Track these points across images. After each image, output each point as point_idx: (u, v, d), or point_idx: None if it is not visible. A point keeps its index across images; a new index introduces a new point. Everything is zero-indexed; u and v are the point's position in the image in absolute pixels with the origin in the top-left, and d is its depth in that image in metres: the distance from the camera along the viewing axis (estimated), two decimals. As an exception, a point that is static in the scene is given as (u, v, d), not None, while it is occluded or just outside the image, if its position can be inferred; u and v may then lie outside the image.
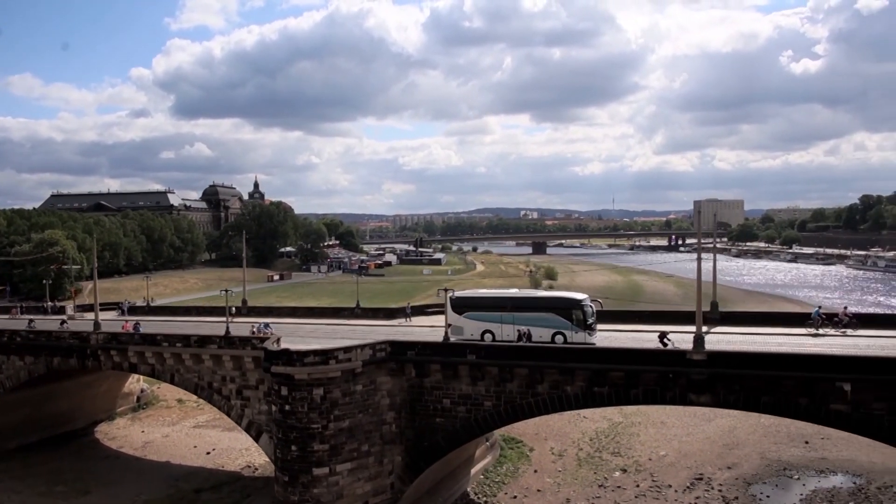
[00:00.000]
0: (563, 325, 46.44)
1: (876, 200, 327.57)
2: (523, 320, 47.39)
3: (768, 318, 57.99)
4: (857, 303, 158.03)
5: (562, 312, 46.99)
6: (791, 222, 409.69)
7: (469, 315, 49.71)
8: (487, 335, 48.44)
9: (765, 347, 40.95)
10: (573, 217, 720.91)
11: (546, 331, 46.69)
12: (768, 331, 49.93)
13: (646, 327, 51.27)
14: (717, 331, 49.92)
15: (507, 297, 51.44)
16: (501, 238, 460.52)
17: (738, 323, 53.55)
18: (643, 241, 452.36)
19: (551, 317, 46.94)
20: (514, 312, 48.05)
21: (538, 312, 47.76)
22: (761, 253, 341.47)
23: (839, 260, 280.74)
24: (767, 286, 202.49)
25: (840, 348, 41.07)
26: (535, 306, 48.81)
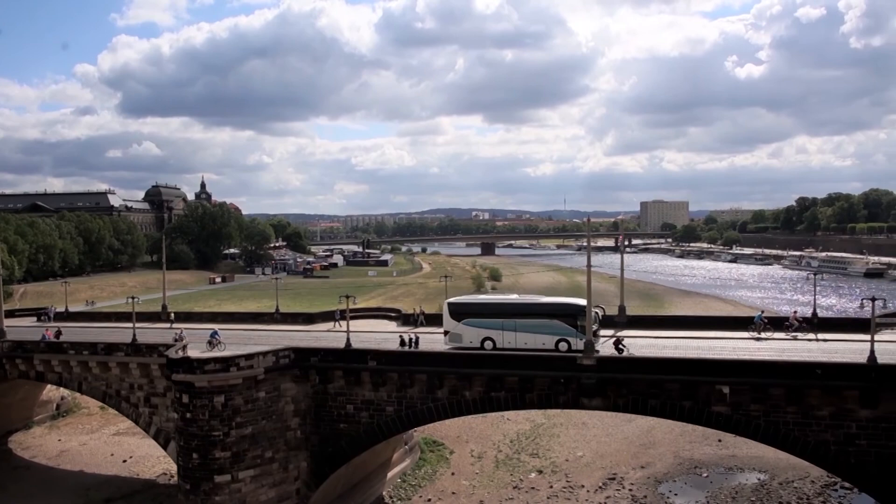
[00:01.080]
0: (568, 331, 45.15)
1: (811, 202, 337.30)
2: (526, 327, 46.01)
3: (703, 322, 58.37)
4: (788, 302, 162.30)
5: (566, 319, 45.69)
6: (733, 223, 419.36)
7: (468, 322, 47.88)
8: (488, 343, 46.64)
9: (705, 353, 41.86)
10: (524, 218, 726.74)
11: (549, 338, 45.36)
12: (710, 335, 50.17)
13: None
14: (667, 335, 49.82)
15: (508, 304, 50.06)
16: (451, 239, 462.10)
17: (647, 326, 54.59)
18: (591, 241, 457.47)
19: (555, 323, 45.58)
20: (515, 319, 46.63)
21: (541, 319, 46.47)
22: (703, 253, 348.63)
23: (776, 260, 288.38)
24: (705, 286, 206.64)
25: (774, 353, 42.08)
26: (538, 312, 47.38)
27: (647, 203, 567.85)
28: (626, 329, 53.94)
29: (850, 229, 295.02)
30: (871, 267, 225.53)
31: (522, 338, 45.72)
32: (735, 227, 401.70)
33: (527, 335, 45.78)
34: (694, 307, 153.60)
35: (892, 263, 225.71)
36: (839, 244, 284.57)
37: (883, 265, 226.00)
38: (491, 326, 47.08)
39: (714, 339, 48.69)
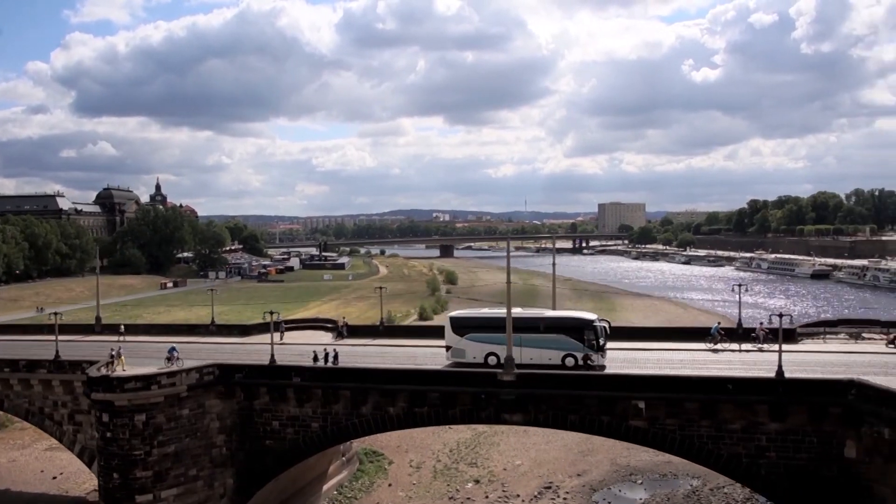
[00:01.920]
0: (575, 346, 44.05)
1: (762, 205, 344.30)
2: (532, 342, 44.58)
3: (659, 333, 58.58)
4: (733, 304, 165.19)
5: (573, 333, 44.56)
6: (688, 225, 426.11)
7: (471, 337, 46.51)
8: (491, 358, 45.01)
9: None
10: (484, 219, 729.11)
11: (556, 353, 44.24)
12: (667, 346, 50.24)
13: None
14: (622, 346, 49.23)
15: (513, 318, 46.70)
16: (411, 241, 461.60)
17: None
18: (549, 243, 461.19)
19: (562, 338, 44.30)
20: (521, 334, 44.34)
21: (547, 334, 45.28)
22: (658, 255, 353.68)
23: (728, 262, 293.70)
24: (658, 288, 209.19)
25: (725, 366, 42.68)
26: (543, 327, 45.83)
27: (604, 205, 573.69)
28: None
29: (799, 231, 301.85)
30: (817, 269, 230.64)
31: (528, 353, 44.25)
32: (690, 228, 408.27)
33: (532, 350, 44.46)
34: (645, 310, 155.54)
35: (836, 265, 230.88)
36: (788, 246, 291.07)
37: (829, 267, 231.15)
38: (495, 341, 45.01)
39: (671, 350, 48.69)
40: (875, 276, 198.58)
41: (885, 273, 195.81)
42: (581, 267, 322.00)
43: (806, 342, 49.53)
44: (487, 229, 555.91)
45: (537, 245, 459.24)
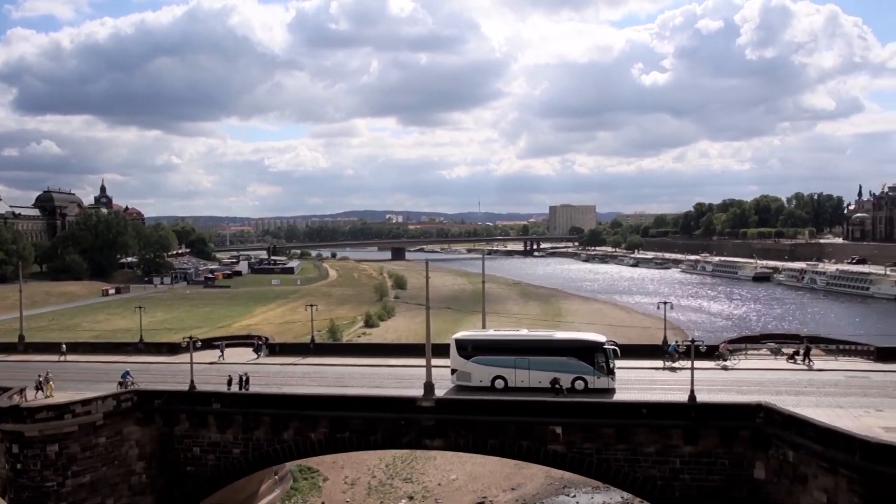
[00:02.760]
0: (585, 369, 43.25)
1: (707, 208, 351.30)
2: (540, 365, 43.66)
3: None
4: (681, 308, 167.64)
5: (582, 356, 43.60)
6: (637, 227, 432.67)
7: (477, 360, 44.98)
8: (499, 381, 44.03)
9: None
10: (437, 221, 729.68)
11: (565, 376, 43.15)
12: (624, 364, 48.79)
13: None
14: None
15: (521, 340, 46.59)
16: (362, 244, 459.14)
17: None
18: (501, 245, 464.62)
19: (571, 361, 43.16)
20: (529, 356, 44.09)
21: (556, 356, 44.07)
22: (608, 257, 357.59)
23: (675, 264, 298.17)
24: (605, 291, 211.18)
25: (681, 385, 41.93)
26: (552, 349, 44.65)
27: (555, 207, 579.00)
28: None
29: (743, 234, 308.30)
30: (758, 271, 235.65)
31: (536, 376, 43.62)
32: (639, 231, 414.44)
33: (541, 373, 43.59)
34: (591, 315, 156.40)
35: (777, 268, 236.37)
36: (732, 248, 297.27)
37: (770, 269, 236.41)
38: (502, 364, 44.39)
39: (628, 369, 47.83)
40: (812, 278, 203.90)
41: (821, 276, 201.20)
42: (531, 269, 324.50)
43: (730, 359, 50.47)
44: (440, 231, 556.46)
45: (490, 247, 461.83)
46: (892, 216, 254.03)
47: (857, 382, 44.15)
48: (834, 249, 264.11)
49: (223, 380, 45.70)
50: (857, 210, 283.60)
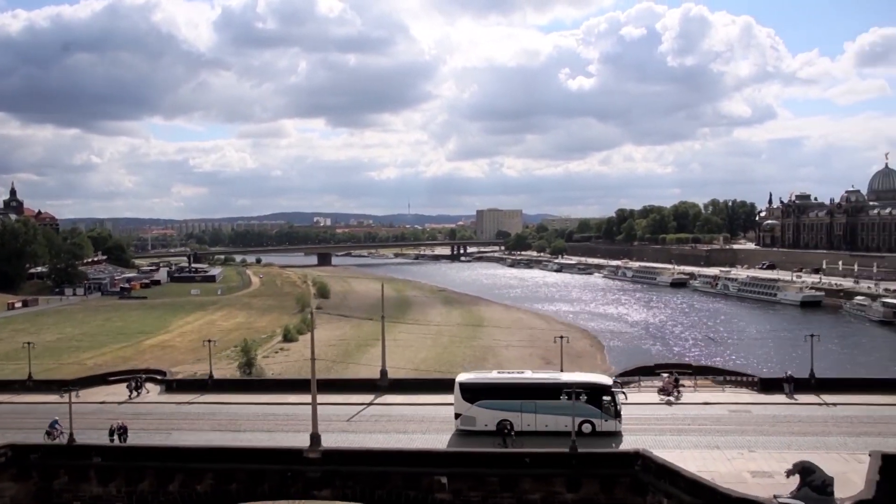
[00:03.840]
0: (592, 412, 42.98)
1: (629, 214, 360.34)
2: (547, 408, 43.12)
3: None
4: (598, 317, 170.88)
5: (590, 399, 42.80)
6: (562, 231, 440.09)
7: (482, 403, 44.22)
8: (504, 424, 43.53)
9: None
10: (366, 224, 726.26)
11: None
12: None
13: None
14: None
15: (527, 383, 45.82)
16: (288, 250, 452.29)
17: (407, 390, 55.08)
18: (428, 250, 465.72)
19: (579, 404, 41.49)
20: (535, 400, 43.68)
21: (564, 399, 42.92)
22: (532, 262, 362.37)
23: (597, 269, 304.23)
24: (528, 299, 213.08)
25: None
26: (559, 392, 42.92)
27: (482, 211, 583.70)
28: (386, 394, 54.09)
29: (662, 240, 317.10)
30: (675, 278, 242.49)
31: (543, 419, 43.33)
32: (563, 235, 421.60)
33: (547, 417, 43.21)
34: (511, 325, 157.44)
35: (693, 273, 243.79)
36: (652, 254, 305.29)
37: (686, 275, 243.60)
38: (508, 408, 43.82)
39: None
40: (725, 285, 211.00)
41: (733, 283, 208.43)
42: (457, 275, 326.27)
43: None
44: (367, 235, 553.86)
45: (417, 252, 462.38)
46: (798, 223, 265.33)
47: (739, 418, 45.76)
48: (746, 255, 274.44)
49: (123, 422, 44.73)
50: (768, 217, 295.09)
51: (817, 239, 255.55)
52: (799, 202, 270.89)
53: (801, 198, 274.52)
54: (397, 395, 52.80)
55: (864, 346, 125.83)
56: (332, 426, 44.12)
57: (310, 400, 39.85)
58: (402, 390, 54.46)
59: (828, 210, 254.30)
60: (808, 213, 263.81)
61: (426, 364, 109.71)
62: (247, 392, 56.63)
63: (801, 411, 46.68)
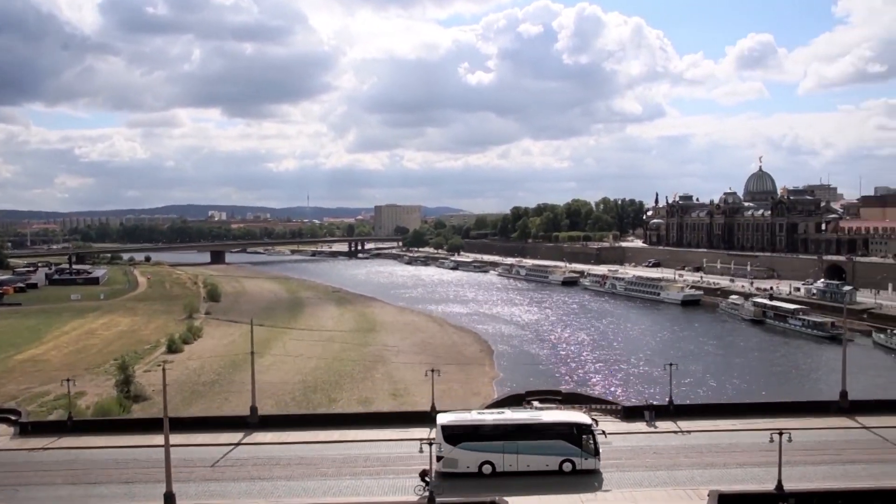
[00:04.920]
0: (573, 451, 43.79)
1: (524, 212, 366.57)
2: (529, 449, 43.67)
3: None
4: (490, 319, 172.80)
5: (571, 438, 43.98)
6: (460, 228, 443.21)
7: (465, 446, 44.15)
8: (486, 467, 43.80)
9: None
10: (263, 218, 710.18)
11: (553, 458, 43.67)
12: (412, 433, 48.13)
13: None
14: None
15: (510, 424, 45.76)
16: (179, 248, 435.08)
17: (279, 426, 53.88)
18: (326, 246, 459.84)
19: (560, 444, 43.63)
20: (517, 441, 43.91)
21: (545, 440, 44.25)
22: (430, 260, 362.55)
23: (493, 267, 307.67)
24: (423, 300, 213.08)
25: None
26: (541, 432, 44.61)
27: (381, 207, 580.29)
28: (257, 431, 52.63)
29: (555, 237, 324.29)
30: (567, 276, 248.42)
31: (525, 460, 43.62)
32: (461, 231, 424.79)
33: (529, 457, 43.68)
34: (404, 329, 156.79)
35: (584, 272, 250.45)
36: (546, 251, 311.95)
37: (577, 274, 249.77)
38: (491, 449, 43.96)
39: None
40: (613, 284, 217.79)
41: (620, 282, 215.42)
42: (354, 273, 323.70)
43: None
44: (264, 231, 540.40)
45: (315, 248, 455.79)
46: (682, 223, 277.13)
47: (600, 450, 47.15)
48: (634, 253, 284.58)
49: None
50: (655, 216, 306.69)
51: (699, 238, 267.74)
52: (682, 203, 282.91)
53: (684, 198, 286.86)
54: (268, 433, 51.56)
55: (737, 347, 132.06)
56: (196, 474, 42.84)
57: (179, 441, 38.17)
58: (274, 426, 53.02)
59: (708, 210, 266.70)
60: (690, 214, 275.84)
61: (315, 375, 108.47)
62: (110, 432, 53.83)
63: (659, 441, 48.69)
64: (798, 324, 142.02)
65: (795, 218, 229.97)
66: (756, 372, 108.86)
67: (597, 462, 44.13)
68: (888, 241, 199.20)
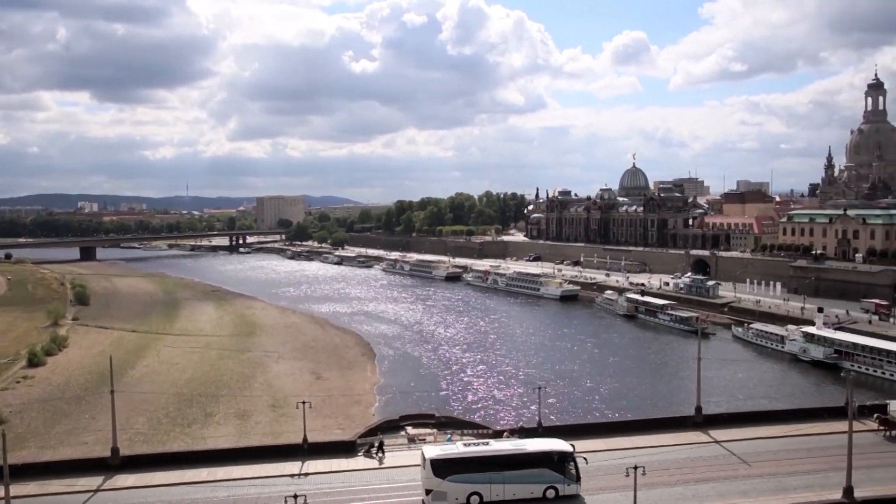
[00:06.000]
0: (556, 479, 45.34)
1: (408, 205, 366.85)
2: (515, 478, 45.00)
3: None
4: (373, 318, 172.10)
5: (554, 466, 45.51)
6: (344, 221, 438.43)
7: (454, 478, 44.74)
8: (474, 497, 44.79)
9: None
10: (139, 210, 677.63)
11: (538, 486, 45.16)
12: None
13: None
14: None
15: (497, 455, 46.38)
16: (44, 244, 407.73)
17: (148, 466, 51.29)
18: (206, 241, 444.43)
19: (545, 472, 45.18)
20: (504, 471, 44.97)
21: (530, 468, 45.47)
22: (313, 254, 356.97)
23: (377, 262, 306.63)
24: (305, 299, 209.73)
25: None
26: (526, 461, 45.72)
27: (263, 199, 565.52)
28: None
29: (439, 232, 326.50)
30: (450, 271, 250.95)
31: (511, 489, 44.96)
32: (345, 224, 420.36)
33: (515, 486, 45.04)
34: (285, 332, 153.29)
35: (467, 266, 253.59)
36: (430, 246, 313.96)
37: (460, 269, 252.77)
38: (478, 481, 44.99)
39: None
40: (495, 280, 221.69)
41: (502, 278, 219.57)
42: (235, 269, 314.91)
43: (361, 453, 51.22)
44: (139, 224, 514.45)
45: (194, 242, 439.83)
46: (561, 217, 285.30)
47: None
48: (516, 247, 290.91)
49: None
50: (535, 210, 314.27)
51: (577, 232, 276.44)
52: (561, 198, 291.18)
53: (563, 193, 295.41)
54: (131, 476, 48.96)
55: (612, 345, 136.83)
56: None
57: (27, 491, 35.07)
58: (138, 467, 50.40)
59: (585, 206, 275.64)
60: (569, 208, 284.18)
61: (191, 386, 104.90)
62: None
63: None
64: (667, 319, 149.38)
65: (665, 214, 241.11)
66: (630, 372, 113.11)
67: (578, 488, 45.90)
68: (747, 235, 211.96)
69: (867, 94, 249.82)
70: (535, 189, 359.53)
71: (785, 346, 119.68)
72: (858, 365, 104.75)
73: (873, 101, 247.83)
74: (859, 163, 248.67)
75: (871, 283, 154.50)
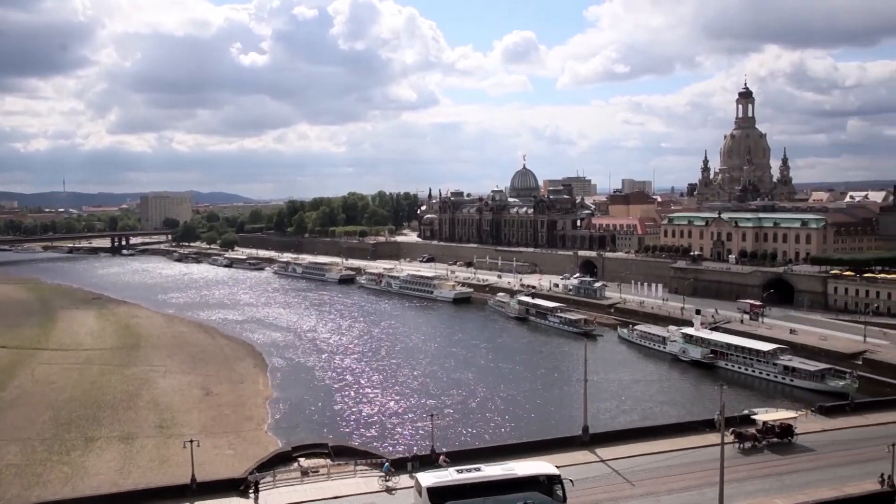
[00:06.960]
0: (546, 501, 46.91)
1: (300, 206, 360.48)
2: (508, 502, 46.44)
3: None
4: (264, 326, 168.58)
5: (544, 489, 47.08)
6: (233, 221, 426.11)
7: None
8: None
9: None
10: (9, 209, 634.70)
11: None
12: None
13: None
14: None
15: (490, 480, 47.30)
16: None
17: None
18: (86, 242, 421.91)
19: (535, 495, 46.69)
20: (497, 495, 46.33)
21: (521, 492, 46.77)
22: (202, 256, 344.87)
23: (269, 264, 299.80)
24: (193, 305, 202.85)
25: None
26: (517, 485, 47.12)
27: (148, 197, 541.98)
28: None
29: (332, 232, 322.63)
30: (343, 274, 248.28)
31: None
32: (235, 224, 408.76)
33: None
34: (172, 344, 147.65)
35: (360, 268, 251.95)
36: (323, 247, 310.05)
37: (353, 271, 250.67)
38: None
39: None
40: (389, 282, 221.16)
41: (395, 280, 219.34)
42: (118, 272, 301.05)
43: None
44: (10, 224, 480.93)
45: (72, 244, 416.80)
46: (454, 218, 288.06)
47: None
48: (409, 248, 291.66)
49: None
50: (429, 210, 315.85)
51: (469, 233, 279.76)
52: (454, 199, 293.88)
53: (455, 194, 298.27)
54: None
55: (505, 350, 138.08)
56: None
57: None
58: None
59: (477, 207, 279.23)
60: (461, 209, 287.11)
61: (70, 407, 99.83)
62: None
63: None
64: (556, 321, 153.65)
65: (554, 216, 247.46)
66: (522, 379, 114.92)
67: None
68: (631, 236, 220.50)
69: (738, 102, 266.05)
70: (428, 187, 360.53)
71: (666, 346, 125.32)
72: (732, 364, 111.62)
73: (743, 109, 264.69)
74: (732, 166, 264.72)
75: (742, 283, 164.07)
